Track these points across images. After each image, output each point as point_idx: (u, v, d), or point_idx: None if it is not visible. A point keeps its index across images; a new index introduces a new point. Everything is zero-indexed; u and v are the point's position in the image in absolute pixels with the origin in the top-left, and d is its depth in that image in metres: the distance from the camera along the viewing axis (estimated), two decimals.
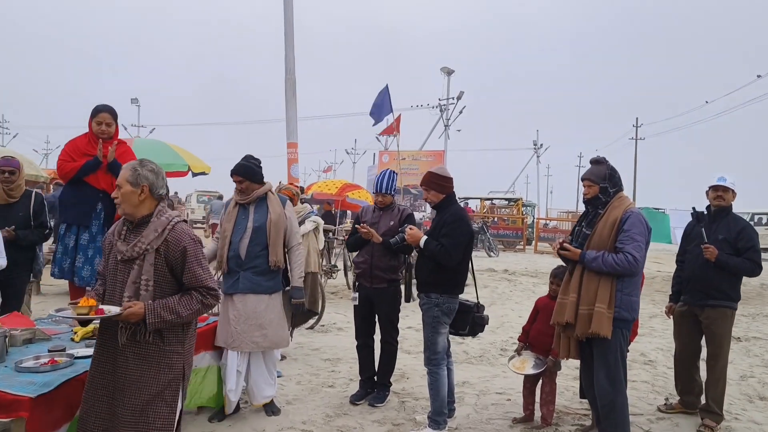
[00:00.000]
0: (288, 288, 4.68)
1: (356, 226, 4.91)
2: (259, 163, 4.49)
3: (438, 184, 4.41)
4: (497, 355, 6.86)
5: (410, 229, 4.41)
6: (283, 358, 6.38)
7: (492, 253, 20.70)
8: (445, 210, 4.39)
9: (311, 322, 7.56)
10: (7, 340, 3.60)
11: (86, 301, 2.82)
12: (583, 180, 3.89)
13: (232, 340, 4.28)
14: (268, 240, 4.34)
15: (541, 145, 52.15)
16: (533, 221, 28.49)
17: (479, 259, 18.71)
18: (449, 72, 37.37)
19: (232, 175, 4.38)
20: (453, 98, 37.54)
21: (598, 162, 3.92)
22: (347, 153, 66.60)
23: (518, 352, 4.74)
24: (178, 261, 2.90)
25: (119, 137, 4.90)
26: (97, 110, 4.74)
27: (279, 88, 10.72)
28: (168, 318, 2.85)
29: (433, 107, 38.47)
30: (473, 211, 27.11)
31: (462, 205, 28.10)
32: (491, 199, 29.38)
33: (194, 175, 12.49)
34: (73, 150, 4.72)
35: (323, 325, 7.93)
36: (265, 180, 4.49)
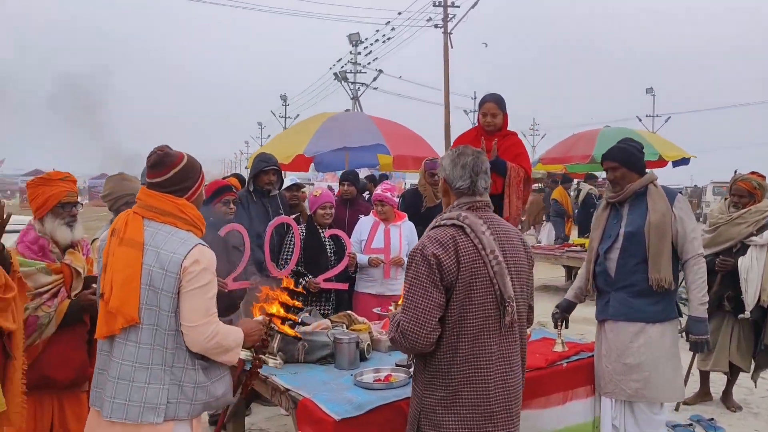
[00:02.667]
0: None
1: None
2: (641, 147, 3.30)
3: None
4: None
5: None
6: (738, 408, 4.73)
7: None
8: None
9: None
10: (365, 345, 3.52)
11: None
12: None
13: (603, 382, 3.22)
14: (647, 250, 3.12)
15: None
16: None
17: None
18: None
19: (602, 162, 3.32)
20: None
21: None
22: None
23: None
24: None
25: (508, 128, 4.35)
26: (483, 100, 4.31)
27: None
28: None
29: None
30: None
31: None
32: None
33: (674, 164, 11.03)
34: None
35: None
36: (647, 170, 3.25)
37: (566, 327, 3.62)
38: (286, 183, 5.60)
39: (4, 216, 2.58)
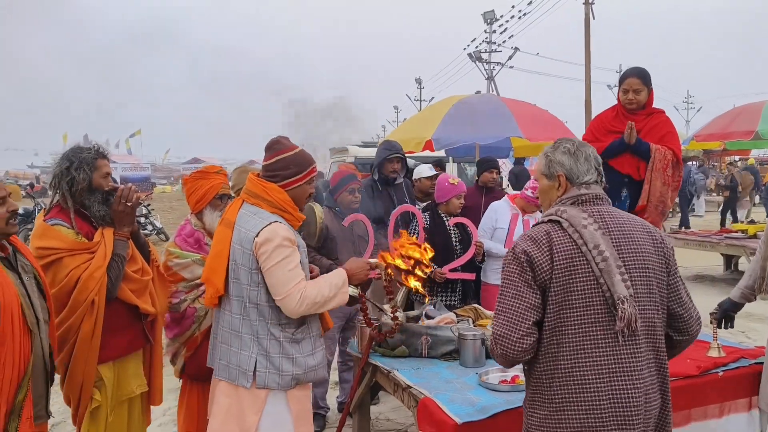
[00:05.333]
0: None
1: None
2: None
3: None
4: None
5: None
6: None
7: None
8: None
9: None
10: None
11: None
12: None
13: None
14: None
15: None
16: None
17: None
18: None
19: None
20: None
21: None
22: None
23: None
24: None
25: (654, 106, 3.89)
26: (624, 75, 3.86)
27: None
28: None
29: None
30: None
31: None
32: None
33: None
34: (597, 126, 4.00)
35: None
36: None
37: (730, 327, 3.15)
38: (426, 172, 5.41)
39: (134, 199, 2.76)
